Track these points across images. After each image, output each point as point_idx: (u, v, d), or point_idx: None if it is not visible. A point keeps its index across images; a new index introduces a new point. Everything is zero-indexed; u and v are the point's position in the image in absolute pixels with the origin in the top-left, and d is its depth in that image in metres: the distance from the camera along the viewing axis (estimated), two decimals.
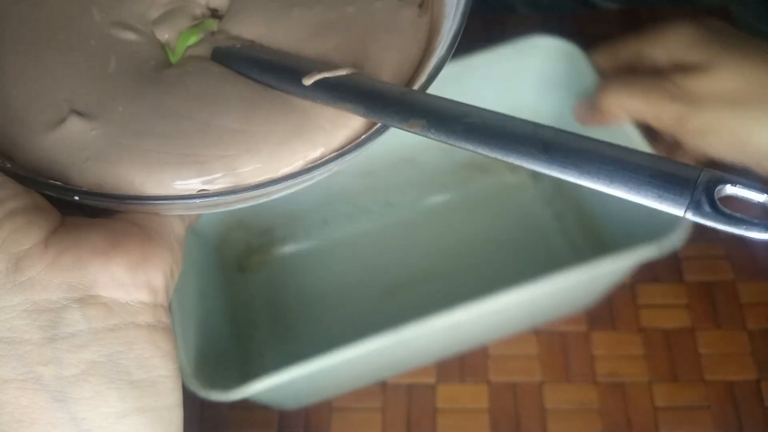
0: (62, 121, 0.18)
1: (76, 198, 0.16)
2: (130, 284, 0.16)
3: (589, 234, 0.40)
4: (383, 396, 0.37)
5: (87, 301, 0.15)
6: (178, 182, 0.17)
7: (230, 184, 0.17)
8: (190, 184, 0.17)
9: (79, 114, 0.18)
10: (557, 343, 0.38)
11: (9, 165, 0.17)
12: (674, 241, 0.28)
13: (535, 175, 0.43)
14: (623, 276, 0.36)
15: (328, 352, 0.27)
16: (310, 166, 0.18)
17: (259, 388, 0.26)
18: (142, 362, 0.16)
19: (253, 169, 0.18)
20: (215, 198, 0.17)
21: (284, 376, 0.26)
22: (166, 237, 0.17)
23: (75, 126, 0.18)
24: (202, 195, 0.17)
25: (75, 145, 0.18)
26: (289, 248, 0.42)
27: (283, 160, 0.18)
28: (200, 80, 0.19)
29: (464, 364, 0.38)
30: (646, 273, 0.40)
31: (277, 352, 0.38)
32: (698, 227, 0.19)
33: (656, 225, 0.31)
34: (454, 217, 0.42)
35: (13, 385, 0.14)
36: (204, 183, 0.17)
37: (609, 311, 0.39)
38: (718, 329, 0.38)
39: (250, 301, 0.40)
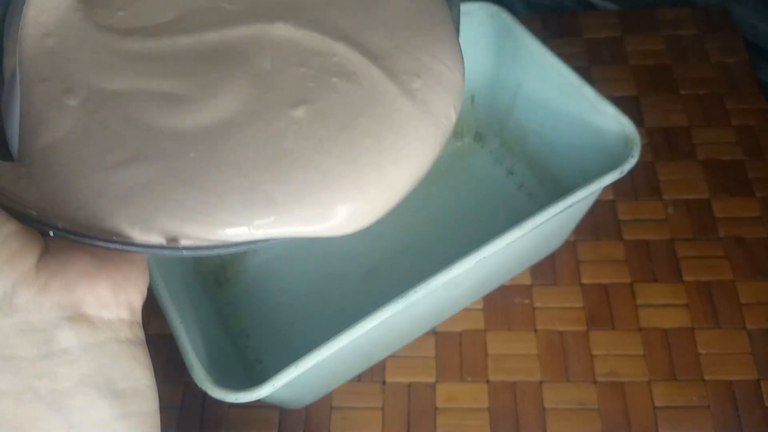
0: (127, 163, 0.18)
1: (51, 233, 0.17)
2: (113, 303, 0.17)
3: (545, 182, 0.41)
4: (383, 395, 0.37)
5: (76, 319, 0.16)
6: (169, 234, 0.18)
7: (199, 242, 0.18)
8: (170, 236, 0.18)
9: (147, 158, 0.18)
10: (556, 342, 0.38)
11: None
12: (631, 163, 0.30)
13: (481, 137, 0.44)
14: (586, 210, 0.38)
15: (329, 342, 0.27)
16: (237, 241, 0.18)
17: (278, 384, 0.26)
18: (125, 373, 0.17)
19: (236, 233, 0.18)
20: (175, 251, 0.18)
21: (295, 371, 0.26)
22: (141, 258, 0.19)
23: (135, 169, 0.18)
24: (169, 247, 0.18)
25: (116, 184, 0.18)
26: (262, 254, 0.42)
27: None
28: (282, 138, 0.19)
29: (464, 363, 0.38)
30: (645, 272, 0.40)
31: (275, 356, 0.38)
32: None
33: (605, 158, 0.31)
34: (414, 192, 0.43)
35: (10, 396, 0.15)
36: (170, 240, 0.18)
37: (608, 311, 0.39)
38: (717, 329, 0.38)
39: (236, 313, 0.40)
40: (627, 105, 0.46)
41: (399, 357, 0.38)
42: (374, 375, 0.38)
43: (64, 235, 0.17)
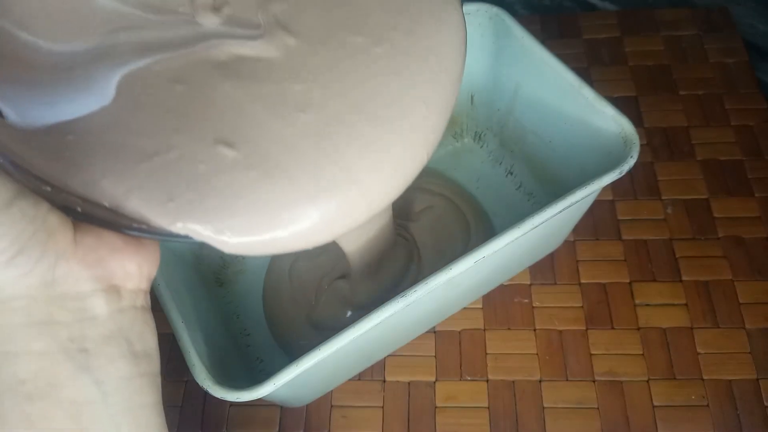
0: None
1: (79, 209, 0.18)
2: (137, 276, 0.20)
3: (544, 182, 0.41)
4: (383, 394, 0.38)
5: (108, 290, 0.19)
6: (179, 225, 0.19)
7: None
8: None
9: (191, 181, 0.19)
10: (556, 341, 0.38)
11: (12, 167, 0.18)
12: (630, 163, 0.30)
13: (480, 137, 0.44)
14: (585, 210, 0.38)
15: (329, 341, 0.27)
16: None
17: (279, 382, 0.26)
18: (140, 336, 0.20)
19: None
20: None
21: (296, 370, 0.26)
22: None
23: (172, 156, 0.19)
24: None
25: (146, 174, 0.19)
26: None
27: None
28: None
29: (463, 363, 0.38)
30: (644, 272, 0.40)
31: (276, 355, 0.38)
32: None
33: (604, 158, 0.32)
34: None
35: (47, 357, 0.17)
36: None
37: (607, 310, 0.39)
38: (716, 328, 0.38)
39: (237, 312, 0.40)
40: (626, 105, 0.46)
41: (399, 356, 0.39)
42: (374, 374, 0.38)
43: (82, 220, 0.18)
